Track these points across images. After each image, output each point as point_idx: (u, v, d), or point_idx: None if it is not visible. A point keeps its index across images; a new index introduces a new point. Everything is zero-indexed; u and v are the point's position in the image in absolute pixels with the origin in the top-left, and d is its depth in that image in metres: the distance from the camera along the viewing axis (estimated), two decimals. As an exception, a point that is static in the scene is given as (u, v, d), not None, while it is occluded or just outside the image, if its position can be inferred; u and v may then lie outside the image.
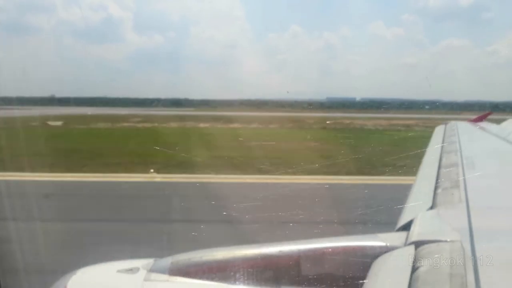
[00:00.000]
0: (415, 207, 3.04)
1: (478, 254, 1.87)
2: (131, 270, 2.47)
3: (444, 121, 9.94)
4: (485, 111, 12.49)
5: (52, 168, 15.30)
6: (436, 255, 1.93)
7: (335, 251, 2.40)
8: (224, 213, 8.30)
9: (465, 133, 7.90)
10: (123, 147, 22.24)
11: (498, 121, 9.78)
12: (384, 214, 4.56)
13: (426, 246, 2.06)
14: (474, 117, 11.86)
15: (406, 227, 2.50)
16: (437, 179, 3.80)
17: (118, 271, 2.48)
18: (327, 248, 2.45)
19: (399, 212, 2.96)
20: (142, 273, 2.44)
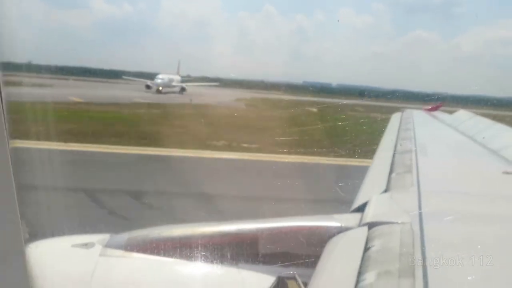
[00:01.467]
0: (370, 190, 3.15)
1: (425, 235, 1.97)
2: (86, 245, 2.42)
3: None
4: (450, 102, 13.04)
5: None
6: (387, 236, 2.02)
7: (292, 230, 2.46)
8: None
9: (420, 121, 8.21)
10: None
11: (450, 112, 10.18)
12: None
13: (378, 227, 2.15)
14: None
15: (361, 208, 2.59)
16: (391, 164, 3.94)
17: (73, 245, 2.43)
18: (284, 227, 2.50)
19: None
20: (98, 248, 2.40)
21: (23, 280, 1.51)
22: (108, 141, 16.40)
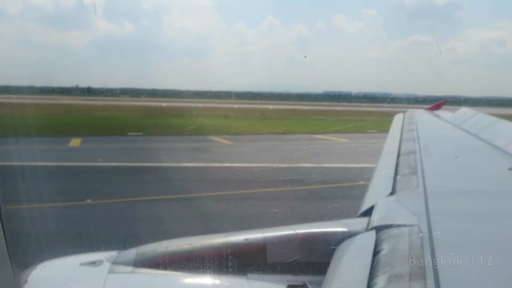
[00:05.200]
0: (376, 194, 3.13)
1: (434, 236, 1.96)
2: (94, 263, 2.42)
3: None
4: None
5: None
6: (396, 239, 2.00)
7: (300, 238, 2.45)
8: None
9: (423, 121, 8.19)
10: None
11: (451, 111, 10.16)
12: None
13: (386, 230, 2.14)
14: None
15: (368, 212, 2.58)
16: (396, 166, 3.93)
17: (81, 264, 2.43)
18: (291, 235, 2.49)
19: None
20: (106, 265, 2.40)
21: None
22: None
